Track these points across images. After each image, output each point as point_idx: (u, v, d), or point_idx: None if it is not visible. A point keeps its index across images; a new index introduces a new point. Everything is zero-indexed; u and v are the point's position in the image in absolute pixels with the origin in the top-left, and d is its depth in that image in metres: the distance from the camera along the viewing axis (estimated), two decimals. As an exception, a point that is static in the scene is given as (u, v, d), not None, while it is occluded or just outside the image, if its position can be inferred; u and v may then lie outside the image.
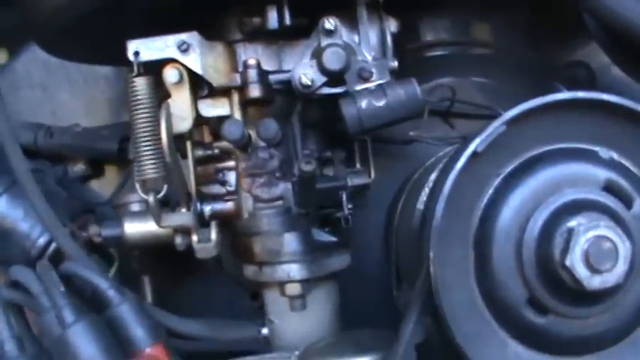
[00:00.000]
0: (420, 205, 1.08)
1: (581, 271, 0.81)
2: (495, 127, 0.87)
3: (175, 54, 1.07)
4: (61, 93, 1.49)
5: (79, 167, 1.44)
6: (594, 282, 0.82)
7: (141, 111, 1.07)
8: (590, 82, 1.44)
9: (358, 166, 1.23)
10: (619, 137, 0.91)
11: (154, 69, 1.08)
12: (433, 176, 1.08)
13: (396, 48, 1.14)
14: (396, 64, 1.12)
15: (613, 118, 0.90)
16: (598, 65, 1.46)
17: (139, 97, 1.06)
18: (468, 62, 1.45)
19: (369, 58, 1.11)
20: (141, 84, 1.06)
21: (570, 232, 0.83)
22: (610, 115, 0.90)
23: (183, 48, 1.07)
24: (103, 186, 1.46)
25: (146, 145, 1.07)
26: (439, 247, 0.86)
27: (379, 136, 1.28)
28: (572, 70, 1.48)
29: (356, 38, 1.11)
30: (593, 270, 0.81)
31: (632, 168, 0.91)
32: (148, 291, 1.33)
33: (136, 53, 1.07)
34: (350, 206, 1.14)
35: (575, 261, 0.81)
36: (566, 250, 0.82)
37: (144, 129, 1.07)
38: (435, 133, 1.30)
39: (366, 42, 1.12)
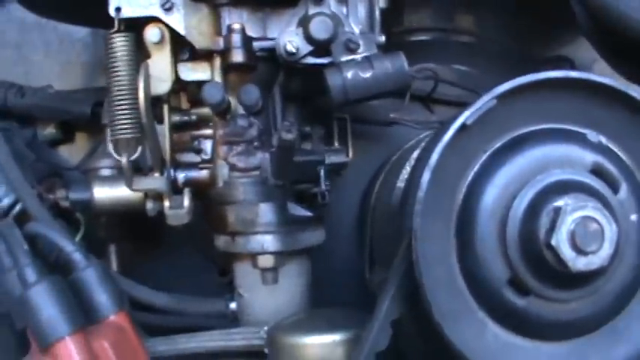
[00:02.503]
0: (401, 183, 1.06)
1: (567, 252, 0.79)
2: (486, 100, 0.85)
3: (158, 12, 1.04)
4: (35, 54, 1.45)
5: (49, 131, 1.40)
6: (579, 263, 0.80)
7: (119, 69, 1.04)
8: (573, 77, 1.43)
9: (337, 144, 1.22)
10: (608, 121, 0.89)
11: (135, 28, 1.05)
12: (415, 154, 1.06)
13: (384, 24, 1.12)
14: (383, 38, 1.10)
15: (604, 102, 0.89)
16: (581, 62, 1.45)
17: (117, 55, 1.04)
18: (450, 49, 1.44)
19: (357, 30, 1.09)
20: (120, 41, 1.04)
21: (557, 211, 0.81)
22: (601, 99, 0.89)
23: (167, 7, 1.04)
24: (73, 152, 1.43)
25: (122, 105, 1.04)
26: (422, 220, 0.84)
27: (359, 116, 1.26)
28: (555, 65, 1.47)
29: (344, 10, 1.09)
30: (579, 251, 0.79)
31: (619, 153, 0.90)
32: (114, 260, 1.30)
33: (118, 9, 1.04)
34: (327, 182, 1.12)
35: (561, 241, 0.80)
36: (552, 229, 0.80)
37: (121, 88, 1.04)
38: (415, 118, 1.29)
39: (355, 14, 1.10)
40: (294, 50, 1.05)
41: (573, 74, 0.88)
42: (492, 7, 1.45)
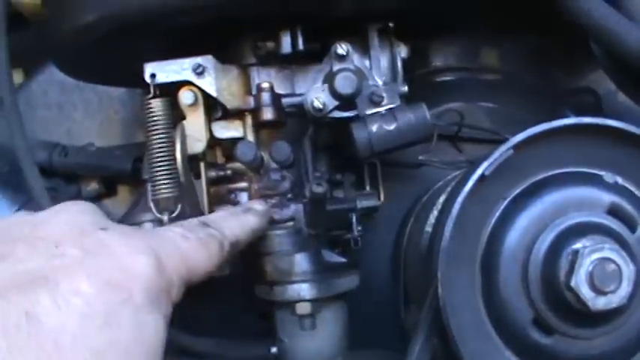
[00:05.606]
0: (429, 228, 1.10)
1: (586, 292, 0.83)
2: (503, 151, 0.89)
3: (191, 77, 1.09)
4: (76, 113, 1.52)
5: (92, 187, 1.46)
6: (599, 303, 0.83)
7: (156, 132, 1.08)
8: (597, 107, 1.46)
9: (368, 188, 1.24)
10: (624, 162, 0.93)
11: (169, 91, 1.10)
12: (442, 199, 1.09)
13: (406, 73, 1.16)
14: (406, 88, 1.14)
15: (618, 143, 0.92)
16: (604, 92, 1.47)
17: (154, 119, 1.08)
18: (476, 88, 1.47)
19: (380, 82, 1.13)
20: (157, 105, 1.08)
21: (575, 254, 0.85)
22: (615, 141, 0.92)
23: (199, 71, 1.09)
24: (116, 205, 1.48)
25: (161, 166, 1.08)
26: (447, 268, 0.88)
27: (389, 159, 1.29)
28: (579, 97, 1.49)
29: (367, 63, 1.14)
30: (598, 291, 0.83)
31: (636, 192, 0.94)
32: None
33: (153, 75, 1.09)
34: (359, 228, 1.15)
35: (580, 282, 0.83)
36: (571, 271, 0.84)
37: (159, 149, 1.08)
38: (444, 157, 1.32)
39: (377, 67, 1.14)
40: (321, 106, 1.09)
41: (586, 120, 0.91)
42: (516, 42, 1.47)
